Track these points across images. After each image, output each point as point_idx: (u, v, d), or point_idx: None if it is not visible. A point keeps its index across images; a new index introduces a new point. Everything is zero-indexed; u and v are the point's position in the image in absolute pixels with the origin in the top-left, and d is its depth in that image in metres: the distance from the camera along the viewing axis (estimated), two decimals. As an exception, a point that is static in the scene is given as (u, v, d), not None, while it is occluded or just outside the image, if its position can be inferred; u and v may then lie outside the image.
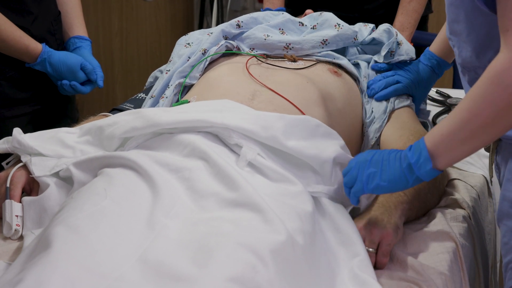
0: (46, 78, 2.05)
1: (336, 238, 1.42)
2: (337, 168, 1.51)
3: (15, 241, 1.51)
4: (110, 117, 1.62)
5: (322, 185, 1.48)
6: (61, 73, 2.02)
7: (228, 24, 1.99)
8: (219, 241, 1.23)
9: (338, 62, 1.92)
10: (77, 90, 2.05)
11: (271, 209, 1.30)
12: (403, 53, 1.94)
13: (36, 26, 2.02)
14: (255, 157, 1.45)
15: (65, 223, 1.27)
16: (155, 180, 1.37)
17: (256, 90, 1.70)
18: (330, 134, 1.54)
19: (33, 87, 2.05)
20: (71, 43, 2.14)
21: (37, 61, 1.99)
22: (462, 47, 1.42)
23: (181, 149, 1.46)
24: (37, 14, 2.02)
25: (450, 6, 1.42)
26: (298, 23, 2.00)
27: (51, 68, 2.01)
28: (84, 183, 1.46)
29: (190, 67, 1.89)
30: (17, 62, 1.99)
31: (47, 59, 1.99)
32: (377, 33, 1.97)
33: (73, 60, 2.02)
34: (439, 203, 1.69)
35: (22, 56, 1.98)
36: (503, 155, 1.48)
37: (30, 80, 2.03)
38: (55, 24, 2.10)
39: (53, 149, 1.59)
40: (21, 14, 1.98)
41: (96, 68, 2.07)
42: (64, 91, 2.06)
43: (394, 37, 1.94)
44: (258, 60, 1.87)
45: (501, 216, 1.45)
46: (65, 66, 2.01)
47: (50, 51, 2.00)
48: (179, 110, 1.55)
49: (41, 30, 2.04)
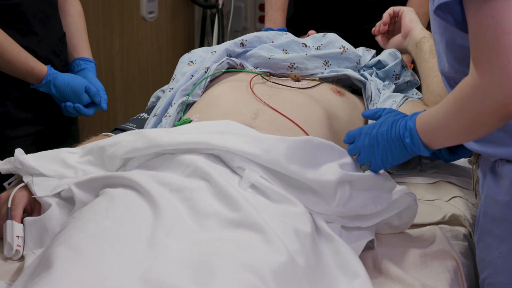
0: (50, 99, 2.05)
1: (335, 260, 1.42)
2: (341, 188, 1.50)
3: (16, 261, 1.51)
4: (112, 137, 1.62)
5: (324, 206, 1.48)
6: (66, 95, 2.02)
7: (232, 42, 2.00)
8: (220, 261, 1.23)
9: (343, 73, 1.93)
10: (81, 113, 2.05)
11: (272, 230, 1.30)
12: (409, 75, 1.96)
13: (41, 47, 2.03)
14: (258, 179, 1.45)
15: (67, 243, 1.27)
16: (157, 200, 1.37)
17: (259, 109, 1.70)
18: (332, 152, 1.53)
19: (37, 107, 2.05)
20: (76, 65, 2.15)
21: (42, 82, 2.00)
22: (441, 57, 1.45)
23: (183, 169, 1.47)
24: (42, 35, 2.03)
25: (430, 16, 1.45)
26: (302, 44, 2.01)
27: (56, 90, 2.01)
28: (85, 203, 1.47)
29: (192, 85, 1.89)
30: (22, 83, 2.00)
31: (52, 81, 2.00)
32: (382, 55, 1.99)
33: (78, 83, 2.03)
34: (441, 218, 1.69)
35: (27, 78, 1.99)
36: (482, 169, 1.49)
37: (34, 101, 2.04)
38: (60, 45, 2.11)
39: (55, 169, 1.59)
40: (26, 35, 1.99)
41: (100, 90, 2.08)
42: (67, 113, 2.07)
43: (399, 59, 1.96)
44: (262, 78, 1.87)
45: (481, 233, 1.46)
46: (69, 88, 2.02)
47: (55, 73, 2.01)
48: (181, 131, 1.56)
49: (46, 51, 2.05)
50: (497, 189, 1.42)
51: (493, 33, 1.22)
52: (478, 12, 1.23)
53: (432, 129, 1.40)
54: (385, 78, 1.99)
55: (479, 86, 1.26)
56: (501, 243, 1.42)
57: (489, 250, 1.44)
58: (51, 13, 2.08)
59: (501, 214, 1.41)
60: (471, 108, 1.29)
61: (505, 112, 1.26)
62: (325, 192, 1.48)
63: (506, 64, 1.21)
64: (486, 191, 1.45)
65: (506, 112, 1.25)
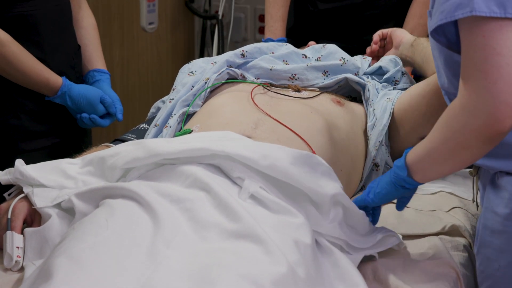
0: (64, 111, 2.05)
1: (335, 272, 1.42)
2: (334, 208, 1.50)
3: (16, 272, 1.51)
4: (112, 148, 1.62)
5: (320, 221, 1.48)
6: (81, 106, 2.02)
7: (232, 53, 2.00)
8: (220, 272, 1.23)
9: (343, 76, 1.94)
10: (96, 123, 2.05)
11: (272, 241, 1.30)
12: (408, 82, 1.97)
13: (56, 59, 2.03)
14: (257, 189, 1.45)
15: (67, 254, 1.27)
16: (157, 211, 1.37)
17: (259, 119, 1.71)
18: (330, 174, 1.53)
19: (52, 120, 2.05)
20: (90, 76, 2.15)
21: (57, 94, 2.00)
22: (440, 73, 1.46)
23: (183, 180, 1.47)
24: (57, 47, 2.04)
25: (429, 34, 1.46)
26: (302, 55, 2.02)
27: (71, 101, 2.01)
28: (85, 213, 1.47)
29: (193, 95, 1.90)
30: (37, 95, 2.00)
31: (67, 92, 2.00)
32: (383, 61, 1.99)
33: (93, 93, 2.03)
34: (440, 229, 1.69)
35: (42, 89, 1.99)
36: (482, 181, 1.50)
37: (49, 113, 2.04)
38: (75, 57, 2.12)
39: (55, 180, 1.59)
40: (41, 47, 2.00)
41: (116, 101, 2.08)
42: (83, 124, 2.06)
43: (400, 66, 1.97)
44: (264, 88, 1.88)
45: (481, 245, 1.46)
46: (84, 99, 2.02)
47: (70, 84, 2.01)
48: (181, 140, 1.56)
49: (60, 63, 2.05)
50: (496, 201, 1.42)
51: (482, 53, 1.24)
52: (470, 31, 1.26)
53: (420, 158, 1.43)
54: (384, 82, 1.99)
55: (465, 105, 1.28)
56: (500, 255, 1.42)
57: (489, 263, 1.44)
58: (65, 25, 2.09)
59: (501, 227, 1.41)
60: (457, 129, 1.31)
61: (490, 133, 1.27)
62: (321, 204, 1.48)
63: (492, 84, 1.23)
64: (486, 203, 1.45)
65: (491, 132, 1.26)
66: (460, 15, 1.26)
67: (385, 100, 1.87)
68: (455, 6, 1.26)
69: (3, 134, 1.99)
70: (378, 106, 1.86)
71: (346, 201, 1.50)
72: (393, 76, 1.98)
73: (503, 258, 1.42)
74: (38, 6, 1.98)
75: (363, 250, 1.53)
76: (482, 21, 1.24)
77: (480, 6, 1.23)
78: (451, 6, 1.27)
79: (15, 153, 1.98)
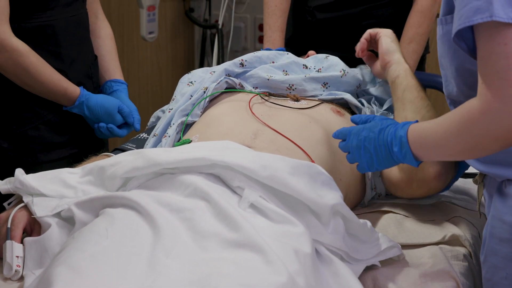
0: (82, 121, 2.06)
1: (335, 281, 1.42)
2: (334, 219, 1.49)
3: (15, 281, 1.50)
4: (112, 157, 1.62)
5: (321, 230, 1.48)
6: (99, 116, 2.03)
7: (231, 63, 2.00)
8: (220, 282, 1.22)
9: (341, 97, 1.93)
10: (114, 133, 2.06)
11: (272, 250, 1.29)
12: None
13: (74, 69, 2.04)
14: (257, 199, 1.45)
15: (66, 264, 1.27)
16: (156, 220, 1.37)
17: (258, 129, 1.71)
18: (331, 184, 1.53)
19: (70, 130, 2.06)
20: (108, 87, 2.16)
21: (75, 104, 2.00)
22: (449, 81, 1.45)
23: (183, 190, 1.47)
24: (75, 57, 2.05)
25: (438, 41, 1.45)
26: (302, 66, 2.02)
27: (89, 111, 2.02)
28: (85, 223, 1.46)
29: (191, 105, 1.90)
30: (55, 105, 2.01)
31: (85, 102, 2.01)
32: (378, 90, 1.99)
33: (111, 103, 2.04)
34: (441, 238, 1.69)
35: (60, 99, 1.99)
36: (487, 189, 1.49)
37: (68, 123, 2.04)
38: (93, 67, 2.12)
39: (55, 189, 1.59)
40: (59, 57, 2.01)
41: (133, 111, 2.09)
42: (101, 134, 2.07)
43: None
44: (262, 98, 1.88)
45: (487, 253, 1.46)
46: (102, 109, 2.02)
47: (88, 94, 2.02)
48: (181, 150, 1.56)
49: (78, 73, 2.06)
50: (504, 209, 1.42)
51: (505, 61, 1.22)
52: (490, 39, 1.24)
53: (426, 144, 1.40)
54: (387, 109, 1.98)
55: (487, 111, 1.26)
56: (509, 263, 1.42)
57: (496, 271, 1.44)
58: (83, 36, 2.10)
59: (509, 235, 1.41)
60: (476, 133, 1.29)
61: (510, 139, 1.27)
62: (322, 214, 1.47)
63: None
64: (493, 212, 1.45)
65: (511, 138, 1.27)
66: (480, 19, 1.24)
67: None
68: (473, 11, 1.24)
69: (22, 145, 2.00)
70: None
71: (346, 211, 1.50)
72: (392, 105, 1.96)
73: (511, 266, 1.41)
74: (57, 16, 1.99)
75: (364, 261, 1.53)
76: (502, 27, 1.22)
77: (499, 11, 1.21)
78: (469, 10, 1.25)
79: (34, 164, 1.99)
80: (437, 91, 2.71)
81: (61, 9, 2.00)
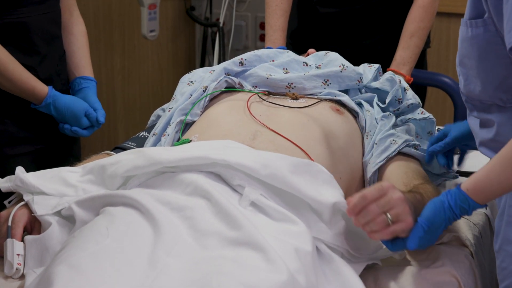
0: (50, 117, 2.06)
1: (336, 280, 1.41)
2: (337, 215, 1.49)
3: (16, 280, 1.50)
4: (112, 156, 1.62)
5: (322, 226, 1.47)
6: (65, 117, 2.03)
7: (230, 62, 2.00)
8: (221, 280, 1.22)
9: (339, 98, 1.92)
10: (78, 135, 2.06)
11: (272, 249, 1.29)
12: (411, 97, 1.95)
13: (43, 66, 2.04)
14: (258, 197, 1.45)
15: (67, 262, 1.27)
16: (157, 219, 1.37)
17: (257, 130, 1.71)
18: (331, 182, 1.53)
19: (36, 126, 2.06)
20: (77, 83, 2.15)
21: (41, 104, 2.00)
22: (471, 80, 1.44)
23: (183, 188, 1.47)
24: (45, 54, 2.04)
25: (463, 42, 1.43)
26: (303, 63, 2.01)
27: (56, 112, 2.02)
28: (86, 221, 1.46)
29: (191, 104, 1.90)
30: (22, 101, 2.01)
31: (52, 103, 2.01)
32: (380, 82, 1.97)
33: (79, 107, 2.04)
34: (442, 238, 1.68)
35: (28, 97, 1.99)
36: None
37: (34, 119, 2.04)
38: (60, 64, 2.12)
39: (56, 188, 1.59)
40: (30, 54, 2.00)
41: (99, 109, 2.08)
42: (64, 133, 2.07)
43: (398, 84, 1.94)
44: (260, 98, 1.88)
45: (503, 242, 1.46)
46: (69, 112, 2.02)
47: (56, 95, 2.02)
48: (181, 149, 1.56)
49: (48, 71, 2.05)
50: None
51: None
52: None
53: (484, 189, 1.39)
54: (388, 106, 1.96)
55: None
56: None
57: None
58: (55, 33, 2.10)
59: None
60: None
61: None
62: (322, 212, 1.47)
63: None
64: (510, 201, 1.45)
65: None
66: None
67: (390, 141, 1.83)
68: None
69: None
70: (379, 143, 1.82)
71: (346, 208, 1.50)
72: (395, 96, 1.95)
73: None
74: (29, 14, 1.99)
75: (365, 259, 1.53)
76: None
77: None
78: None
79: None
80: (438, 90, 2.72)
81: (34, 6, 2.00)
